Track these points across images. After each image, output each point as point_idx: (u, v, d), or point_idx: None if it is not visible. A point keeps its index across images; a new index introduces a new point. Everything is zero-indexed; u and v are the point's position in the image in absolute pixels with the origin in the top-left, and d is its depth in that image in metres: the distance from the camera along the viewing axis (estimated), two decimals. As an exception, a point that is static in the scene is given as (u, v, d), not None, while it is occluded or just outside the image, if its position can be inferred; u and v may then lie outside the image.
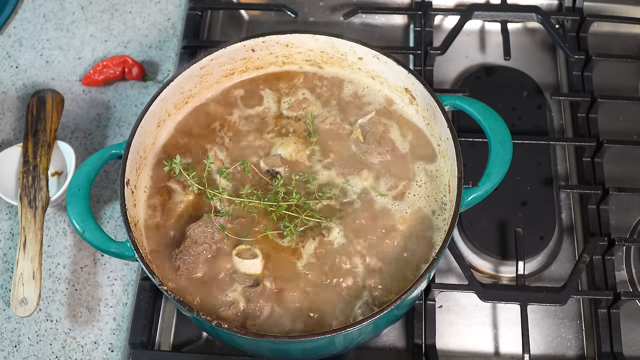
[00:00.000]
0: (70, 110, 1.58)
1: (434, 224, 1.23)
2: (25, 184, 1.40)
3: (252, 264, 1.18)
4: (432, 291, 1.31)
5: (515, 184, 1.46)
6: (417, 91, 1.29)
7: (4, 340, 1.35)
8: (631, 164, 1.50)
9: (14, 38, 1.68)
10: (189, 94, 1.34)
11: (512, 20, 1.61)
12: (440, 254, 1.12)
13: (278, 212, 1.21)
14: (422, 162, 1.29)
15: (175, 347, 1.34)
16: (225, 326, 1.07)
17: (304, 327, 1.15)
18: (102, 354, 1.33)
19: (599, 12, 1.67)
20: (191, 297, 1.17)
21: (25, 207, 1.37)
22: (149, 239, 1.23)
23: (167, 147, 1.32)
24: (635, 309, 1.37)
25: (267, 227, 1.22)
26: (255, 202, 1.22)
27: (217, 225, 1.20)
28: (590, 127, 1.51)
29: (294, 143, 1.30)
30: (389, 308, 1.07)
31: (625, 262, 1.41)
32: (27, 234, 1.33)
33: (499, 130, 1.22)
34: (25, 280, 1.28)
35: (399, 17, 1.73)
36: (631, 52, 1.66)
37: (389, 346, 1.34)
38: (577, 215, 1.46)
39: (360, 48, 1.32)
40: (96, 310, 1.37)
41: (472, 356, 1.34)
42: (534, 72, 1.62)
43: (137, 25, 1.69)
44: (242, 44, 1.33)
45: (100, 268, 1.41)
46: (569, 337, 1.35)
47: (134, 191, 1.23)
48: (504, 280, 1.41)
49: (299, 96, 1.37)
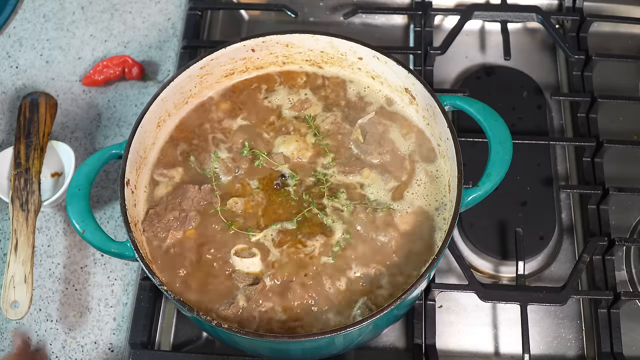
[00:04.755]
0: (70, 110, 1.58)
1: (434, 224, 1.23)
2: (17, 186, 1.39)
3: (252, 262, 1.19)
4: (432, 291, 1.31)
5: (515, 184, 1.46)
6: (417, 91, 1.29)
7: (4, 340, 1.35)
8: (631, 164, 1.50)
9: (14, 38, 1.68)
10: (189, 94, 1.34)
11: (512, 20, 1.61)
12: (440, 254, 1.12)
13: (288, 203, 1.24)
14: (422, 162, 1.29)
15: (175, 347, 1.35)
16: (225, 326, 1.07)
17: (303, 327, 1.15)
18: (102, 354, 1.33)
19: (599, 12, 1.67)
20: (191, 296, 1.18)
21: (17, 210, 1.37)
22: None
23: (167, 146, 1.32)
24: (635, 309, 1.37)
25: (273, 220, 1.23)
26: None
27: (224, 220, 1.22)
28: (590, 127, 1.51)
29: (296, 141, 1.31)
30: (389, 308, 1.07)
31: (625, 262, 1.41)
32: (19, 237, 1.33)
33: (499, 130, 1.22)
34: (17, 283, 1.28)
35: (399, 17, 1.73)
36: (631, 52, 1.66)
37: (389, 346, 1.34)
38: (577, 215, 1.46)
39: (360, 48, 1.32)
40: (96, 310, 1.37)
41: (472, 356, 1.34)
42: (534, 72, 1.62)
43: (137, 25, 1.69)
44: (242, 44, 1.33)
45: (100, 268, 1.41)
46: (569, 337, 1.35)
47: (134, 191, 1.23)
48: (504, 280, 1.41)
49: (301, 96, 1.37)
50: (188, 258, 1.21)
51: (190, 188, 1.25)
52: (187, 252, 1.21)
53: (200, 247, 1.22)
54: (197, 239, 1.22)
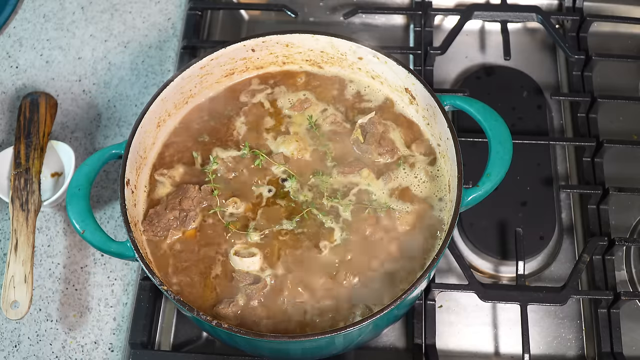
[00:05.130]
0: (70, 110, 1.58)
1: (434, 224, 1.22)
2: (17, 186, 1.39)
3: (251, 262, 1.19)
4: (432, 291, 1.31)
5: (515, 184, 1.46)
6: (417, 91, 1.29)
7: (4, 340, 1.35)
8: (631, 164, 1.50)
9: (14, 38, 1.68)
10: (189, 93, 1.34)
11: (512, 20, 1.61)
12: (440, 254, 1.12)
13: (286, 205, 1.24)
14: (422, 162, 1.29)
15: (175, 347, 1.34)
16: (225, 326, 1.07)
17: (304, 327, 1.15)
18: (102, 354, 1.33)
19: (599, 12, 1.67)
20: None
21: (17, 210, 1.37)
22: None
23: (167, 147, 1.32)
24: (635, 309, 1.37)
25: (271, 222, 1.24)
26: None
27: (224, 222, 1.23)
28: (590, 127, 1.51)
29: (295, 141, 1.31)
30: (389, 308, 1.07)
31: (625, 262, 1.41)
32: (19, 237, 1.33)
33: (499, 130, 1.22)
34: (17, 283, 1.28)
35: (399, 17, 1.73)
36: (631, 52, 1.66)
37: (389, 346, 1.34)
38: (577, 215, 1.46)
39: (360, 48, 1.32)
40: (96, 310, 1.37)
41: (472, 356, 1.34)
42: (534, 72, 1.62)
43: (137, 25, 1.69)
44: (242, 44, 1.33)
45: (100, 268, 1.41)
46: (569, 337, 1.35)
47: (134, 191, 1.23)
48: (504, 280, 1.41)
49: (300, 96, 1.37)
50: (188, 258, 1.21)
51: (190, 188, 1.25)
52: (187, 251, 1.21)
53: (200, 247, 1.22)
54: (197, 239, 1.22)
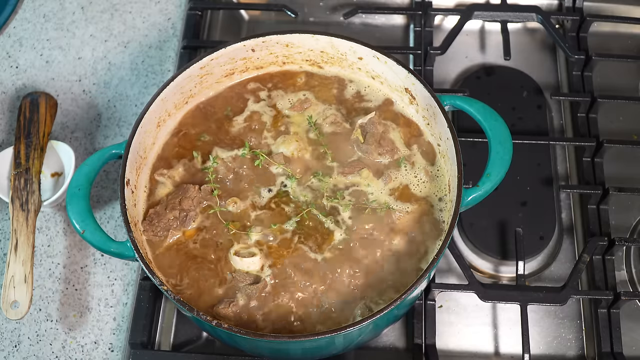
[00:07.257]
0: (70, 110, 1.58)
1: (434, 224, 1.23)
2: (17, 186, 1.39)
3: (252, 262, 1.19)
4: (432, 291, 1.31)
5: (515, 184, 1.46)
6: (417, 91, 1.29)
7: (4, 340, 1.35)
8: (631, 164, 1.50)
9: (14, 38, 1.68)
10: (189, 93, 1.34)
11: (512, 20, 1.61)
12: (440, 254, 1.12)
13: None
14: (422, 162, 1.29)
15: (175, 347, 1.34)
16: (225, 326, 1.07)
17: (304, 327, 1.15)
18: (102, 354, 1.33)
19: (599, 12, 1.67)
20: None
21: (17, 210, 1.37)
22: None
23: (167, 146, 1.32)
24: (635, 309, 1.37)
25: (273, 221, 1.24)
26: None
27: (223, 222, 1.23)
28: (590, 127, 1.51)
29: (295, 141, 1.31)
30: (389, 308, 1.07)
31: (625, 262, 1.41)
32: (19, 237, 1.33)
33: (499, 130, 1.22)
34: (17, 283, 1.28)
35: (399, 17, 1.73)
36: (631, 52, 1.66)
37: (389, 346, 1.34)
38: (577, 215, 1.46)
39: (360, 48, 1.32)
40: (96, 310, 1.37)
41: (472, 356, 1.34)
42: (534, 72, 1.62)
43: (137, 25, 1.69)
44: (242, 44, 1.33)
45: (100, 268, 1.41)
46: (569, 337, 1.35)
47: (134, 191, 1.23)
48: (504, 280, 1.41)
49: (300, 96, 1.37)
50: (188, 258, 1.21)
51: (190, 188, 1.25)
52: (187, 251, 1.21)
53: (200, 247, 1.22)
54: (196, 239, 1.22)
